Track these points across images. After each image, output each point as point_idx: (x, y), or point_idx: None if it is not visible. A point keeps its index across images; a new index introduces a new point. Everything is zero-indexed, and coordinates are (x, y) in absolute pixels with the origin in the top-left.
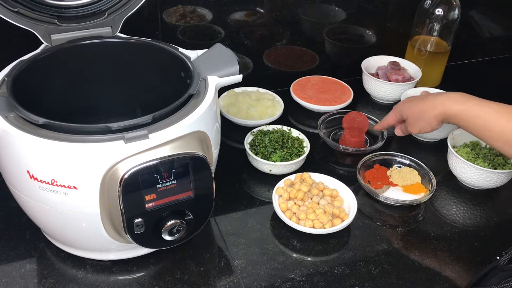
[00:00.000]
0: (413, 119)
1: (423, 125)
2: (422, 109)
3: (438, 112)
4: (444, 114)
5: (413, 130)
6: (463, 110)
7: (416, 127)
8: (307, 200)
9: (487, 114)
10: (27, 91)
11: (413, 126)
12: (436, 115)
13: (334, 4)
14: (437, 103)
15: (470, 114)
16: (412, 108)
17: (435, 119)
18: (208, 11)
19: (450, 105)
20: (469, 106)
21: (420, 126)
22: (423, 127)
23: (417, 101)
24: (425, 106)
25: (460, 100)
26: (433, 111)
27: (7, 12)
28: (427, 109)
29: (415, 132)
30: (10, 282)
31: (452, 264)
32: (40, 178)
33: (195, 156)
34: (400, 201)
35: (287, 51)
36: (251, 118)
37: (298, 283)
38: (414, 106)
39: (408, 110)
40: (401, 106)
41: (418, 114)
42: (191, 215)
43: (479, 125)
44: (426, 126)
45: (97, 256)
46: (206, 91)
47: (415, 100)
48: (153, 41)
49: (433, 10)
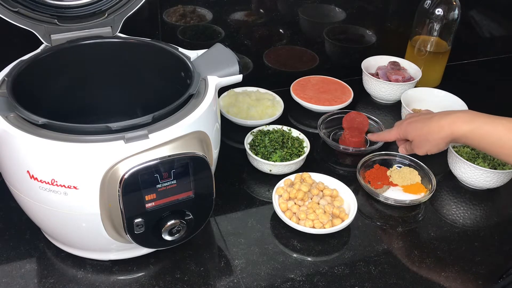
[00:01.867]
0: (419, 141)
1: (430, 147)
2: (429, 131)
3: (445, 134)
4: (453, 135)
5: (420, 152)
6: (473, 129)
7: (423, 149)
8: (307, 200)
9: (497, 132)
10: (27, 91)
11: (419, 148)
12: (444, 137)
13: (334, 4)
14: (444, 124)
15: (480, 133)
16: (418, 130)
17: (443, 141)
18: (208, 11)
19: (459, 125)
20: (478, 125)
21: (427, 148)
22: (430, 149)
23: (423, 122)
24: (432, 128)
25: (468, 120)
26: (440, 133)
27: (7, 12)
28: (434, 131)
29: (422, 153)
30: (10, 282)
31: (452, 264)
32: (40, 178)
33: (195, 156)
34: (400, 201)
35: (287, 51)
36: (251, 118)
37: (298, 283)
38: (420, 128)
39: (414, 131)
40: (405, 127)
41: (424, 136)
42: (191, 215)
43: (490, 143)
44: (432, 148)
45: (97, 256)
46: (206, 91)
47: (420, 121)
48: (153, 41)
49: (433, 10)
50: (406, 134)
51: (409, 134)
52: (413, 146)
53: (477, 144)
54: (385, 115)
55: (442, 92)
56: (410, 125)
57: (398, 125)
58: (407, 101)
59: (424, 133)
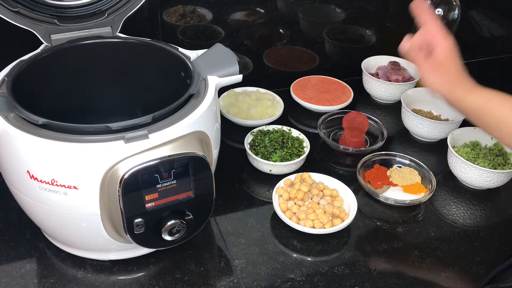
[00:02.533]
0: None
1: (438, 83)
2: (457, 74)
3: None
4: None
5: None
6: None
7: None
8: (307, 200)
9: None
10: (27, 91)
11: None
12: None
13: (334, 4)
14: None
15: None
16: (452, 65)
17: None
18: (208, 11)
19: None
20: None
21: (435, 80)
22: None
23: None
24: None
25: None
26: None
27: (7, 12)
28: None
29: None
30: (10, 282)
31: (452, 264)
32: (40, 178)
33: (195, 156)
34: (400, 201)
35: (287, 51)
36: (251, 118)
37: (298, 283)
38: (457, 66)
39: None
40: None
41: (447, 72)
42: (191, 215)
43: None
44: (438, 83)
45: (97, 256)
46: (206, 91)
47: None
48: (153, 41)
49: (433, 10)
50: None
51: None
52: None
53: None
54: (385, 115)
55: None
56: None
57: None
58: (407, 101)
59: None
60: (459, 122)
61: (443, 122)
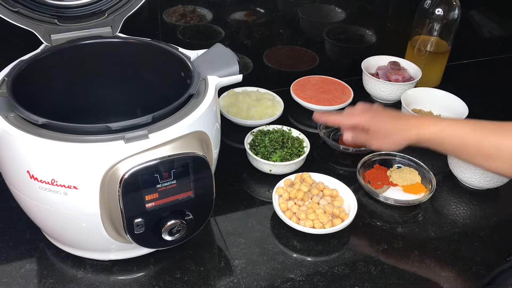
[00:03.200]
0: (382, 135)
1: (389, 143)
2: (395, 129)
3: (411, 135)
4: (418, 137)
5: (376, 144)
6: (437, 131)
7: (381, 142)
8: (307, 200)
9: (461, 132)
10: (27, 91)
11: (378, 140)
12: (409, 137)
13: (334, 4)
14: (413, 124)
15: (445, 134)
16: (385, 124)
17: (405, 141)
18: (208, 11)
19: (425, 128)
20: (443, 126)
21: (386, 143)
22: (388, 144)
23: (390, 119)
24: (400, 127)
25: (434, 123)
26: (406, 133)
27: (7, 12)
28: (401, 130)
29: (374, 147)
30: (10, 282)
31: (452, 264)
32: (40, 178)
33: (195, 156)
34: (400, 201)
35: (287, 51)
36: (251, 118)
37: (298, 283)
38: (388, 121)
39: (379, 124)
40: (371, 117)
41: (389, 131)
42: (191, 215)
43: (455, 144)
44: (391, 145)
45: (97, 256)
46: (206, 91)
47: (388, 116)
48: (153, 41)
49: (433, 10)
50: (370, 124)
51: (374, 125)
52: (370, 138)
53: (442, 147)
54: None
55: (442, 92)
56: (377, 117)
57: (360, 113)
58: (407, 101)
59: (390, 128)
60: None
61: None
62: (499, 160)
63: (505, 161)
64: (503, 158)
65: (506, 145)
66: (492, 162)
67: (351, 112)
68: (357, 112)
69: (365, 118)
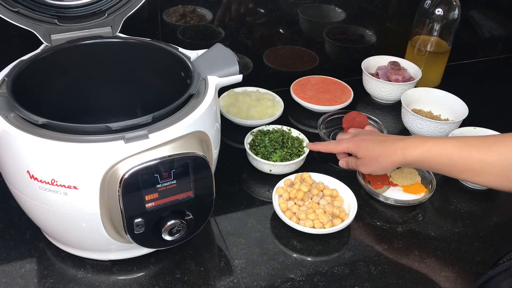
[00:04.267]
0: (369, 161)
1: (377, 168)
2: (381, 154)
3: (398, 159)
4: (405, 160)
5: (365, 170)
6: (423, 153)
7: (370, 169)
8: (307, 200)
9: (447, 151)
10: (27, 91)
11: (367, 167)
12: (395, 161)
13: (334, 4)
14: (397, 148)
15: (431, 155)
16: (371, 150)
17: (392, 165)
18: (208, 11)
19: (410, 150)
20: (428, 147)
21: (375, 168)
22: (376, 170)
23: (376, 143)
24: (385, 152)
25: (418, 144)
26: (392, 157)
27: (7, 12)
28: (387, 155)
29: (366, 172)
30: (10, 282)
31: (452, 264)
32: (40, 178)
33: (195, 156)
34: (400, 201)
35: (287, 51)
36: (251, 118)
37: (298, 283)
38: (373, 148)
39: (365, 150)
40: (358, 143)
41: (375, 157)
42: (191, 215)
43: (442, 163)
44: (380, 170)
45: (97, 256)
46: (206, 91)
47: (374, 141)
48: (153, 41)
49: (433, 10)
50: (356, 150)
51: (360, 152)
52: (359, 164)
53: (430, 166)
54: (385, 115)
55: (442, 92)
56: (363, 143)
57: (348, 140)
58: (407, 101)
59: (376, 154)
60: (459, 122)
61: (443, 122)
62: (488, 174)
63: (493, 175)
64: (491, 172)
65: (492, 160)
66: (481, 178)
67: (341, 138)
68: (346, 137)
69: (352, 144)
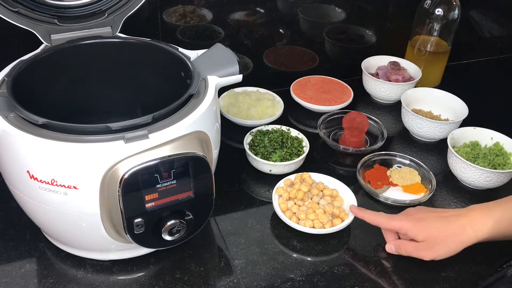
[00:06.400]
0: (433, 243)
1: (445, 252)
2: (447, 233)
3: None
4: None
5: (429, 256)
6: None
7: (435, 253)
8: (307, 200)
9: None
10: (27, 91)
11: (431, 250)
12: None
13: (334, 4)
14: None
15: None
16: (433, 231)
17: (462, 245)
18: (208, 11)
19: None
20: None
21: (440, 253)
22: (443, 254)
23: (437, 222)
24: (451, 230)
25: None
26: (461, 236)
27: (7, 12)
28: (455, 234)
29: (430, 259)
30: (10, 282)
31: (452, 264)
32: (40, 178)
33: (195, 156)
34: (400, 201)
35: (287, 51)
36: (251, 118)
37: (298, 283)
38: (435, 228)
39: (426, 232)
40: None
41: (442, 238)
42: (191, 215)
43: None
44: (447, 253)
45: (97, 256)
46: (206, 91)
47: (432, 219)
48: (153, 41)
49: (433, 10)
50: (415, 233)
51: (420, 234)
52: (420, 248)
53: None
54: (385, 115)
55: (442, 92)
56: (421, 223)
57: (401, 218)
58: (407, 101)
59: (440, 235)
60: (459, 122)
61: (443, 122)
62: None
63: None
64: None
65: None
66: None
67: (391, 215)
68: (398, 216)
69: (408, 224)
